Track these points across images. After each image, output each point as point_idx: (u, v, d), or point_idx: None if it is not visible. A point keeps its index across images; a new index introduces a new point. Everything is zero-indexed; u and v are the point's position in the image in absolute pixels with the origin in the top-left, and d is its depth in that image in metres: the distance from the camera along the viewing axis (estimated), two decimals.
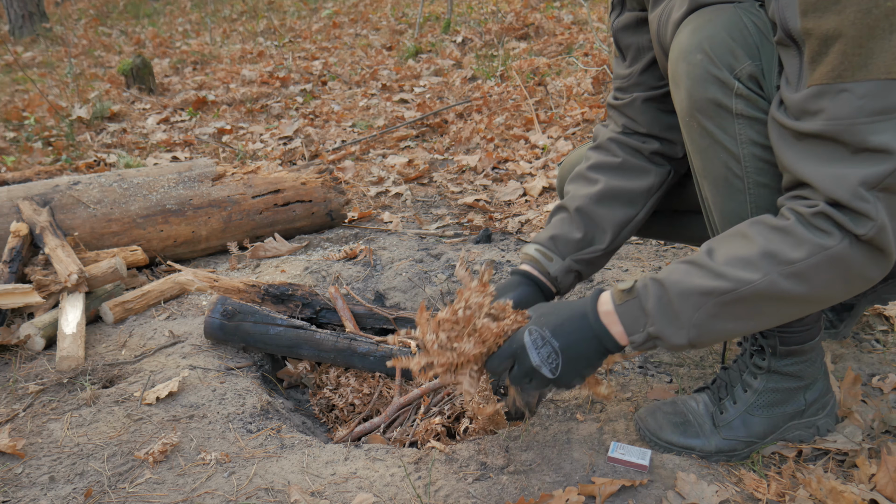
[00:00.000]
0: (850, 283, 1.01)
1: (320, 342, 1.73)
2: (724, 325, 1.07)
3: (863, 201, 0.94)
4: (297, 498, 1.26)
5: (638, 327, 1.12)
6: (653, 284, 1.11)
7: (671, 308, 1.08)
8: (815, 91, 0.95)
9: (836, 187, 0.95)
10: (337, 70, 5.62)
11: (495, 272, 2.13)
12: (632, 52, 1.42)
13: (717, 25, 1.08)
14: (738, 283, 1.02)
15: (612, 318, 1.15)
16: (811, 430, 1.32)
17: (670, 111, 1.37)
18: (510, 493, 1.25)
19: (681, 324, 1.07)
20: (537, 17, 6.26)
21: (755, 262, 1.02)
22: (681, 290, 1.07)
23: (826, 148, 0.97)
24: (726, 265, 1.04)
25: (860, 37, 0.91)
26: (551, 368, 1.16)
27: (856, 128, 0.93)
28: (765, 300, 1.03)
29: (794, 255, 0.99)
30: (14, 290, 1.82)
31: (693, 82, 1.10)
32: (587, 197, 1.43)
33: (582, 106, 3.90)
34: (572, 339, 1.16)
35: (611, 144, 1.46)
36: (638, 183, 1.43)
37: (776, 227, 1.03)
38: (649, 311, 1.10)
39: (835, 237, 0.97)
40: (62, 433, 1.47)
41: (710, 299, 1.05)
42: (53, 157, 3.73)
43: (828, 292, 1.03)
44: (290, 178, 2.60)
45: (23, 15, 8.41)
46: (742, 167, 1.12)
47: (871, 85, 0.91)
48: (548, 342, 1.16)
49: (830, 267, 0.99)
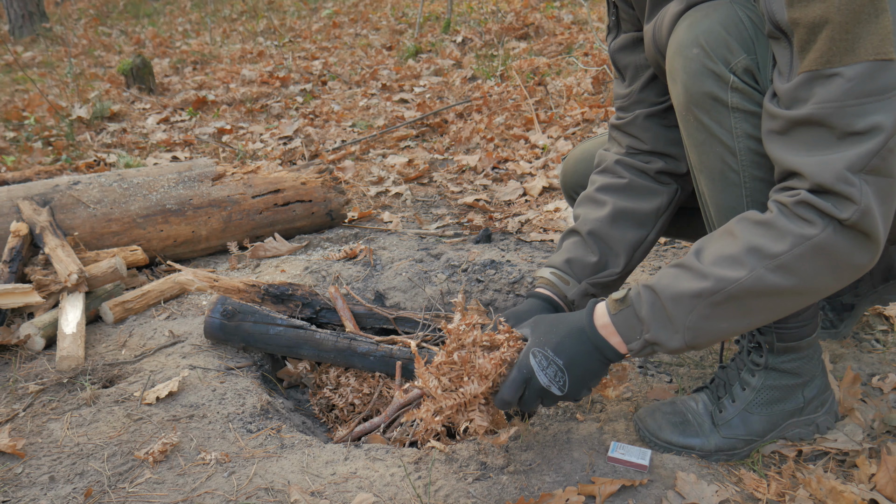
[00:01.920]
0: (839, 271, 1.01)
1: (320, 342, 1.73)
2: (719, 325, 1.08)
3: (847, 184, 0.94)
4: (297, 498, 1.26)
5: (634, 335, 1.14)
6: (645, 291, 1.12)
7: (664, 313, 1.09)
8: (806, 77, 0.96)
9: (821, 172, 0.96)
10: (337, 70, 5.62)
11: (495, 272, 2.13)
12: (630, 71, 1.43)
13: (713, 20, 1.09)
14: (725, 283, 1.03)
15: (609, 330, 1.16)
16: (811, 428, 1.32)
17: (672, 126, 1.38)
18: (510, 492, 1.25)
19: (675, 328, 1.09)
20: (537, 17, 6.26)
21: (740, 259, 1.03)
22: (671, 294, 1.09)
23: (813, 134, 0.97)
24: (713, 265, 1.05)
25: (846, 22, 0.92)
26: (559, 386, 1.18)
27: (844, 110, 0.93)
28: (754, 296, 1.03)
29: (778, 248, 1.00)
30: (14, 290, 1.82)
31: (689, 76, 1.11)
32: (598, 220, 1.43)
33: (582, 106, 3.90)
34: (575, 355, 1.18)
35: (616, 167, 1.47)
36: (646, 204, 1.44)
37: (759, 221, 1.03)
38: (644, 318, 1.12)
39: (817, 226, 0.97)
40: (62, 433, 1.47)
41: (701, 301, 1.06)
42: (53, 157, 3.73)
43: (817, 283, 1.02)
44: (290, 178, 2.60)
45: (23, 15, 8.41)
46: (738, 161, 1.13)
47: (861, 67, 0.92)
48: (552, 362, 1.18)
49: (815, 256, 0.99)
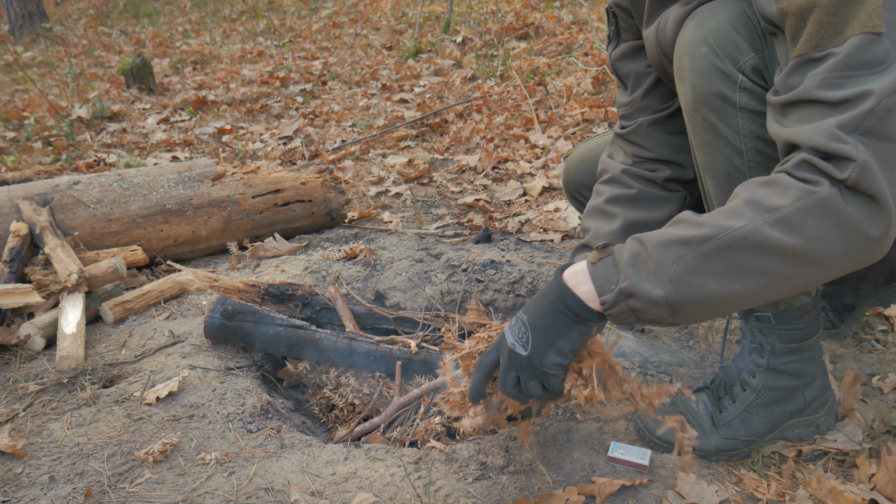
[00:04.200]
0: (849, 239, 0.92)
1: (320, 342, 1.73)
2: (706, 284, 0.97)
3: (840, 142, 0.90)
4: (297, 498, 1.26)
5: (609, 285, 1.04)
6: (630, 241, 1.05)
7: (647, 262, 1.00)
8: (797, 62, 0.96)
9: (814, 135, 0.92)
10: (337, 70, 5.62)
11: (495, 272, 2.13)
12: (632, 79, 1.43)
13: (722, 18, 1.09)
14: (719, 230, 0.96)
15: (580, 277, 1.08)
16: (811, 429, 1.32)
17: (676, 132, 1.37)
18: (510, 492, 1.25)
19: (658, 279, 0.98)
20: (537, 17, 6.26)
21: (739, 211, 0.96)
22: (659, 241, 1.00)
23: (808, 110, 0.95)
24: (710, 217, 0.99)
25: (834, 4, 0.91)
26: (522, 344, 1.10)
27: (830, 82, 0.92)
28: (750, 251, 0.95)
29: (780, 201, 0.93)
30: (14, 290, 1.82)
31: (698, 75, 1.11)
32: (610, 234, 1.39)
33: (582, 106, 3.90)
34: (538, 307, 1.11)
35: (623, 176, 1.43)
36: (656, 214, 1.40)
37: (762, 181, 0.98)
38: (622, 265, 1.03)
39: (822, 185, 0.91)
40: (62, 433, 1.47)
41: (690, 249, 0.97)
42: (53, 157, 3.73)
43: (823, 247, 0.93)
44: (290, 178, 2.60)
45: (23, 15, 8.41)
46: (744, 161, 1.12)
47: (850, 42, 0.91)
48: (519, 319, 1.13)
49: (820, 214, 0.91)
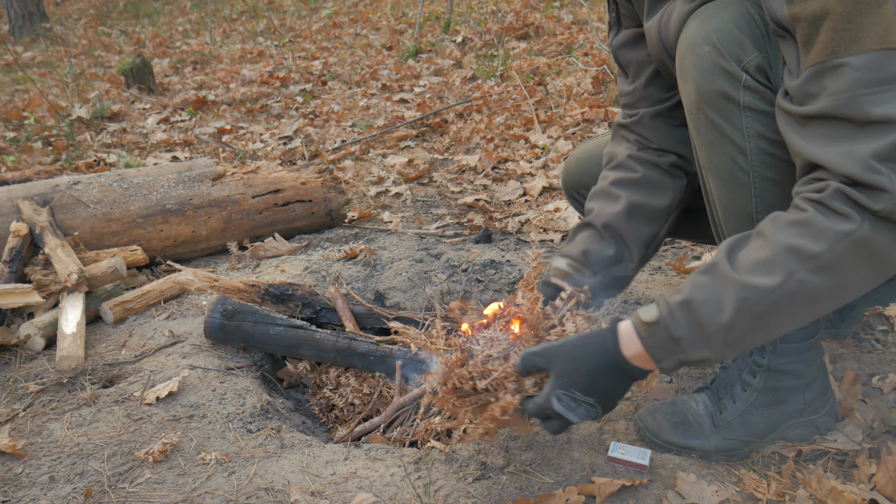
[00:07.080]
0: (880, 268, 0.96)
1: (320, 342, 1.73)
2: (755, 338, 1.03)
3: (875, 173, 0.90)
4: (297, 498, 1.26)
5: (667, 355, 1.07)
6: (679, 311, 1.04)
7: (703, 332, 1.02)
8: (813, 71, 0.94)
9: (847, 163, 0.92)
10: (337, 70, 5.62)
11: (495, 272, 2.13)
12: (633, 67, 1.42)
13: (725, 17, 1.08)
14: (765, 292, 0.97)
15: (642, 359, 1.09)
16: (811, 429, 1.32)
17: (679, 125, 1.37)
18: (510, 492, 1.25)
19: (713, 347, 1.03)
20: (537, 17, 6.26)
21: (778, 263, 0.96)
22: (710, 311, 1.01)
23: (832, 127, 0.94)
24: (751, 273, 0.99)
25: (848, 12, 0.90)
26: (592, 417, 1.14)
27: (856, 100, 0.91)
28: (796, 302, 0.98)
29: (817, 247, 0.94)
30: (14, 290, 1.82)
31: (701, 74, 1.10)
32: (614, 215, 1.40)
33: (582, 106, 3.90)
34: (607, 389, 1.13)
35: (629, 161, 1.44)
36: (659, 199, 1.41)
37: (793, 221, 0.98)
38: (679, 339, 1.04)
39: (854, 220, 0.93)
40: (62, 433, 1.47)
41: (741, 316, 0.99)
42: (53, 157, 3.73)
43: (858, 281, 0.97)
44: (290, 178, 2.60)
45: (23, 15, 8.41)
46: (748, 161, 1.12)
47: (868, 57, 0.90)
48: (582, 402, 1.12)
49: (856, 253, 0.94)
